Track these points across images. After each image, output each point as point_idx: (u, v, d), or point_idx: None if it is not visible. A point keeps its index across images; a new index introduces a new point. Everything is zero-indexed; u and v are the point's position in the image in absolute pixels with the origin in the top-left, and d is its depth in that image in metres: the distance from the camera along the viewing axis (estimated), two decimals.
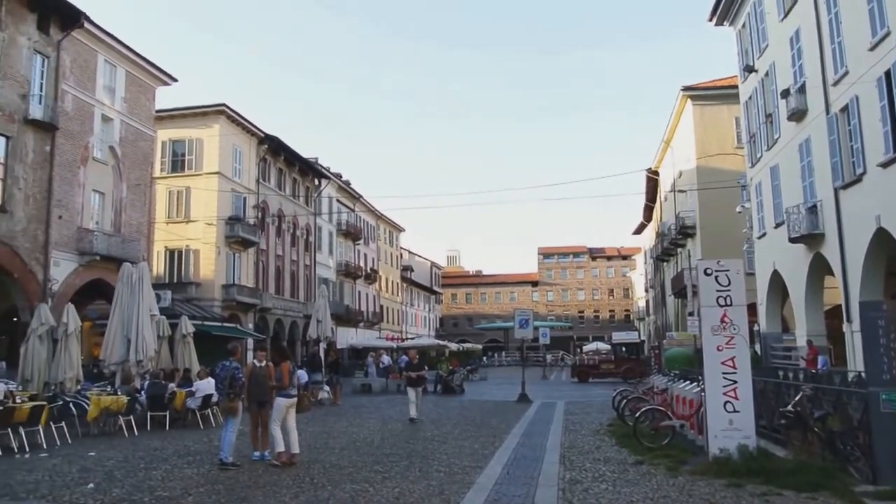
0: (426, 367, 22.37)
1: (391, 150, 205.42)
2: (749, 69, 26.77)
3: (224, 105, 39.62)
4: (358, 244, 63.86)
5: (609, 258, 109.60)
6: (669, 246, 45.08)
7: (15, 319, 26.07)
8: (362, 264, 64.88)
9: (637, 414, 13.75)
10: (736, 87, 30.49)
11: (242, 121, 41.41)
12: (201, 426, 16.87)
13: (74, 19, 27.35)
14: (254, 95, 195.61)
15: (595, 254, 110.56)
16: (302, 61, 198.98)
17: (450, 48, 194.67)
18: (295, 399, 11.90)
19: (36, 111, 25.79)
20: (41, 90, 26.39)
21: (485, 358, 76.55)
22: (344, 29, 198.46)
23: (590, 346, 59.74)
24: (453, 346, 60.32)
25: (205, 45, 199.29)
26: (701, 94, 37.77)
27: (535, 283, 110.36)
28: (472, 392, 31.35)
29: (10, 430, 13.22)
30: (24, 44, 25.48)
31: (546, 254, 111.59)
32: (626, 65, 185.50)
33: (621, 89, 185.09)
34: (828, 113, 19.84)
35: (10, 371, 21.32)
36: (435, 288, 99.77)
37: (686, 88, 38.05)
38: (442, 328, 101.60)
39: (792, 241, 22.13)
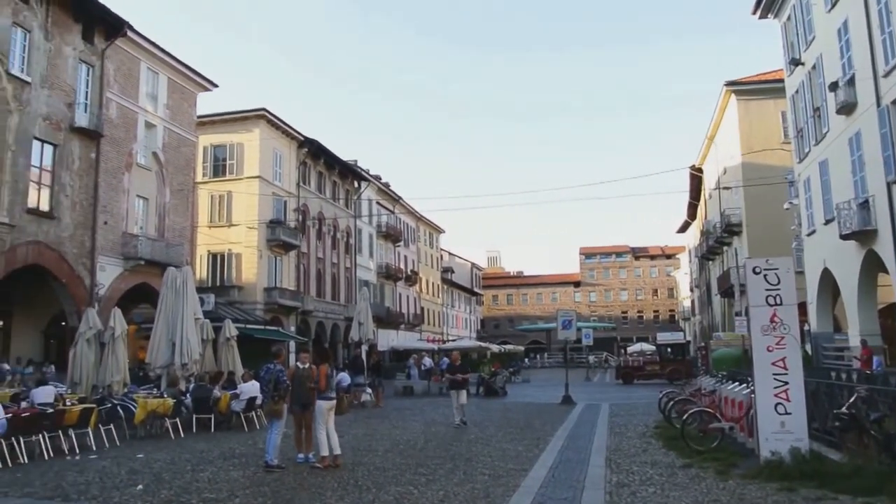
0: (469, 370, 21.94)
1: (430, 151, 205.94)
2: (795, 62, 26.16)
3: (264, 110, 39.95)
4: (398, 246, 63.98)
5: (652, 257, 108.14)
6: (715, 244, 44.36)
7: (63, 324, 26.57)
8: (402, 266, 64.96)
9: (684, 416, 13.44)
10: (781, 80, 29.85)
11: (282, 125, 41.72)
12: (245, 429, 16.93)
13: (118, 28, 27.81)
14: (293, 99, 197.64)
15: (638, 253, 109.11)
16: (341, 64, 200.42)
17: (487, 47, 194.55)
18: (334, 401, 11.92)
19: (82, 119, 26.25)
20: (86, 98, 26.86)
21: (527, 360, 76.08)
22: (382, 31, 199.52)
23: (634, 347, 59.08)
24: (495, 347, 60.02)
25: (243, 49, 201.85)
26: (745, 89, 37.05)
27: (577, 284, 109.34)
28: (514, 394, 31.15)
29: (60, 432, 13.46)
30: (70, 53, 25.97)
31: (588, 254, 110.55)
32: (667, 60, 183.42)
33: (663, 85, 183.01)
34: (879, 105, 19.28)
35: (58, 374, 21.71)
36: (475, 289, 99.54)
37: (730, 83, 37.36)
38: (483, 330, 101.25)
39: (843, 237, 21.54)
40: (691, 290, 71.00)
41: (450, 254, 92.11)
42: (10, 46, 23.31)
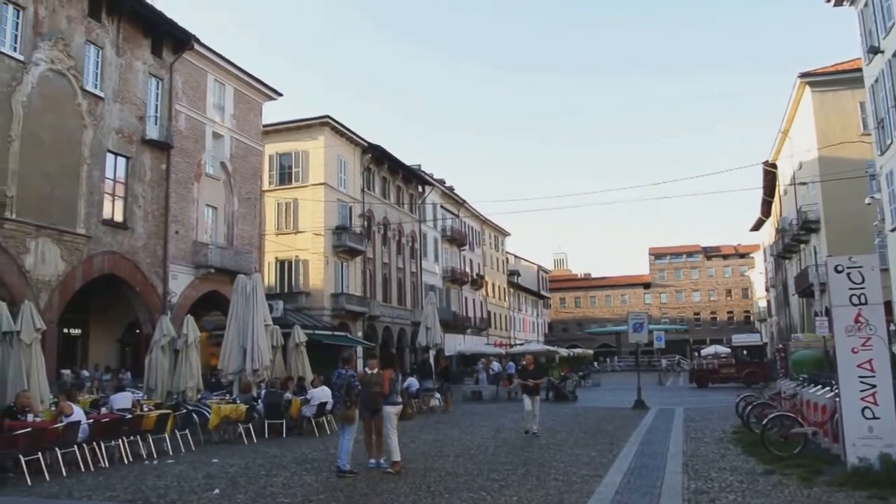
0: (542, 374, 21.21)
1: (494, 153, 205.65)
2: (874, 50, 25.06)
3: (328, 117, 40.34)
4: (463, 250, 63.86)
5: (725, 257, 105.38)
6: (791, 242, 42.95)
7: (137, 331, 27.26)
8: (468, 270, 64.79)
9: (764, 421, 12.97)
10: (859, 70, 28.63)
11: (346, 131, 42.06)
12: (317, 434, 17.00)
13: (185, 42, 28.45)
14: (355, 104, 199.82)
15: (710, 253, 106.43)
16: (402, 67, 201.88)
17: (548, 45, 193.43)
18: (400, 406, 11.86)
19: (152, 131, 26.91)
20: (156, 111, 27.53)
21: (596, 363, 75.05)
22: (442, 34, 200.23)
23: (708, 350, 57.64)
24: (563, 351, 59.39)
25: (304, 55, 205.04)
26: (820, 80, 35.76)
27: (647, 285, 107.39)
28: (585, 399, 30.66)
29: (139, 437, 13.75)
30: (140, 68, 26.65)
31: (658, 254, 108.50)
32: (738, 51, 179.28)
33: (732, 79, 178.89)
34: None
35: (134, 381, 22.25)
36: (542, 292, 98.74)
37: (803, 75, 36.14)
38: (551, 333, 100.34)
39: None
40: (767, 290, 68.97)
41: (515, 257, 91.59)
42: (84, 63, 24.05)
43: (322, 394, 17.48)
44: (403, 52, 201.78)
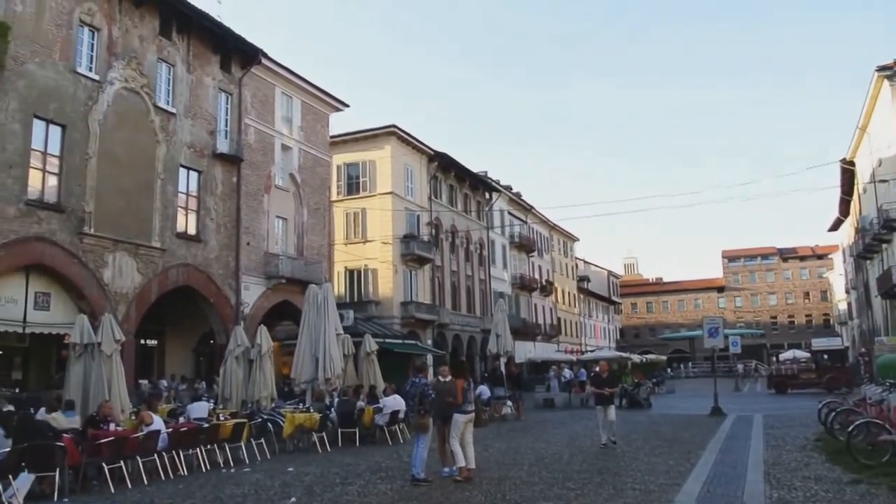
0: (616, 381, 20.08)
1: (561, 157, 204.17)
2: None
3: (394, 126, 40.53)
4: (532, 256, 63.38)
5: (802, 258, 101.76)
6: (872, 242, 41.21)
7: (212, 341, 27.73)
8: (537, 276, 64.26)
9: (850, 428, 12.41)
10: None
11: (412, 140, 42.20)
12: (390, 442, 16.95)
13: (253, 57, 28.91)
14: (419, 112, 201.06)
15: (786, 254, 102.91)
16: (468, 74, 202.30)
17: (613, 43, 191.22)
18: (472, 415, 11.75)
19: (223, 145, 27.39)
20: (226, 125, 28.02)
21: (669, 369, 73.40)
22: (503, 38, 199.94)
23: (786, 355, 55.67)
24: (636, 357, 58.17)
25: (369, 65, 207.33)
26: None
27: (720, 289, 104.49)
28: (659, 406, 30.00)
29: (216, 446, 13.94)
30: (210, 84, 27.18)
31: (731, 257, 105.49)
32: (808, 45, 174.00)
33: (804, 72, 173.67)
34: None
35: (208, 391, 22.63)
36: (613, 298, 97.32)
37: (881, 69, 34.70)
38: (623, 339, 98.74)
39: None
40: (847, 291, 66.42)
41: (585, 262, 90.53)
42: (156, 81, 24.63)
43: (394, 402, 17.52)
44: (465, 59, 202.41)
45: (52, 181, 20.85)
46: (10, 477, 9.73)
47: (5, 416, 10.79)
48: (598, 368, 17.76)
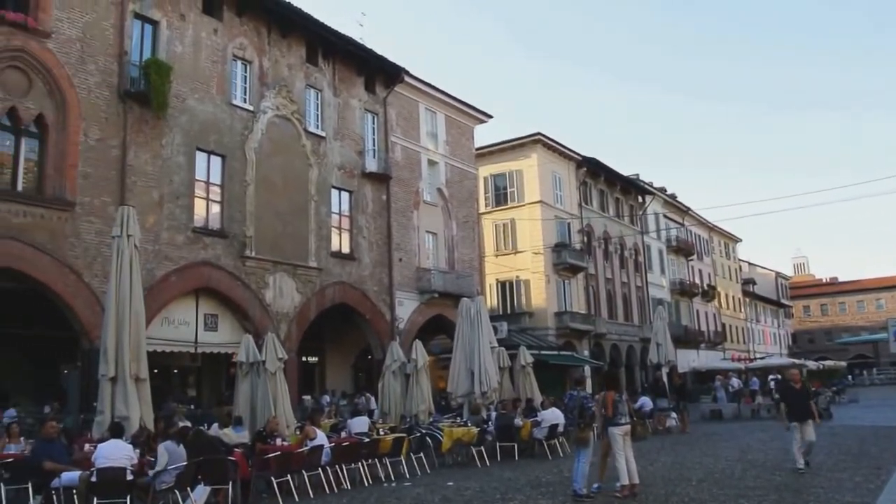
0: (812, 394, 15.50)
1: (718, 155, 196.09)
2: None
3: (539, 134, 40.11)
4: (691, 260, 60.85)
5: None
6: None
7: (369, 357, 28.28)
8: (698, 281, 61.58)
9: None
10: None
11: (559, 147, 41.61)
12: (549, 456, 16.54)
13: (395, 76, 29.39)
14: (564, 117, 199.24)
15: None
16: (612, 75, 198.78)
17: (779, 35, 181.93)
18: (627, 427, 11.27)
19: (371, 164, 27.95)
20: (374, 145, 28.60)
21: (850, 376, 67.94)
22: (658, 36, 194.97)
23: None
24: (811, 364, 54.42)
25: (510, 72, 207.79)
26: None
27: None
28: (841, 416, 27.47)
29: (377, 460, 14.03)
30: (356, 105, 27.86)
31: None
32: None
33: None
34: None
35: (367, 405, 23.03)
36: (782, 300, 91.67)
37: None
38: (795, 345, 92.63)
39: None
40: None
41: (749, 264, 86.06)
42: (305, 106, 25.48)
43: (553, 415, 17.19)
44: (608, 61, 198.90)
45: (215, 209, 21.96)
46: (189, 489, 10.13)
47: (182, 431, 11.27)
48: (785, 376, 16.09)
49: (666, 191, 58.93)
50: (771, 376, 36.14)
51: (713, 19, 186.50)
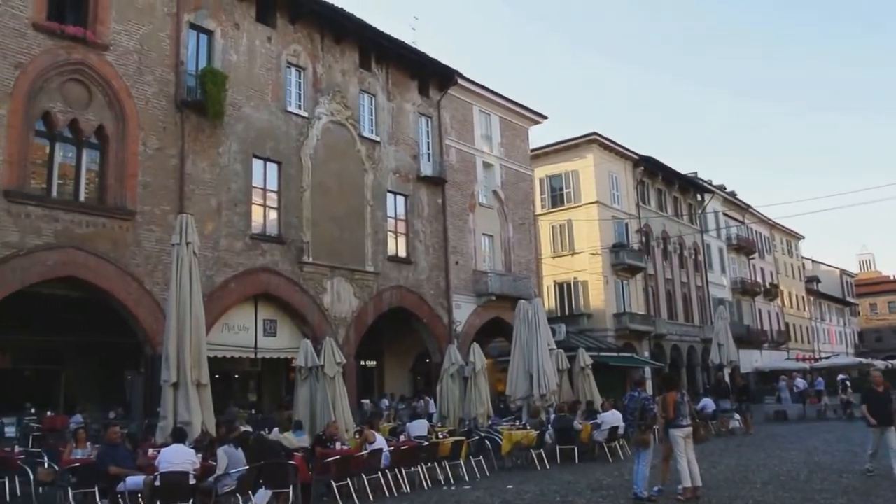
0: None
1: (778, 152, 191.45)
2: None
3: (595, 134, 39.68)
4: (752, 258, 59.48)
5: None
6: None
7: (427, 360, 28.33)
8: (759, 280, 60.15)
9: None
10: None
11: (615, 146, 41.12)
12: (609, 459, 16.34)
13: (449, 78, 29.36)
14: (620, 115, 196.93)
15: None
16: (669, 71, 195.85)
17: (832, 29, 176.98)
18: (688, 429, 11.04)
19: (426, 168, 27.99)
20: (428, 148, 28.64)
21: None
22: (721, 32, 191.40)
23: None
24: (880, 363, 52.64)
25: (566, 71, 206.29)
26: None
27: None
28: None
29: (436, 463, 14.02)
30: (410, 109, 27.93)
31: None
32: None
33: None
34: None
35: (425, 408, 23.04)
36: (848, 298, 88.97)
37: None
38: (862, 344, 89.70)
39: None
40: None
41: (813, 261, 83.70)
42: (359, 112, 25.64)
43: (612, 418, 16.98)
44: (665, 61, 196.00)
45: (272, 215, 22.21)
46: (250, 493, 10.27)
47: (243, 436, 11.40)
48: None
49: (725, 189, 57.75)
50: (841, 376, 35.11)
51: (773, 18, 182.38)
